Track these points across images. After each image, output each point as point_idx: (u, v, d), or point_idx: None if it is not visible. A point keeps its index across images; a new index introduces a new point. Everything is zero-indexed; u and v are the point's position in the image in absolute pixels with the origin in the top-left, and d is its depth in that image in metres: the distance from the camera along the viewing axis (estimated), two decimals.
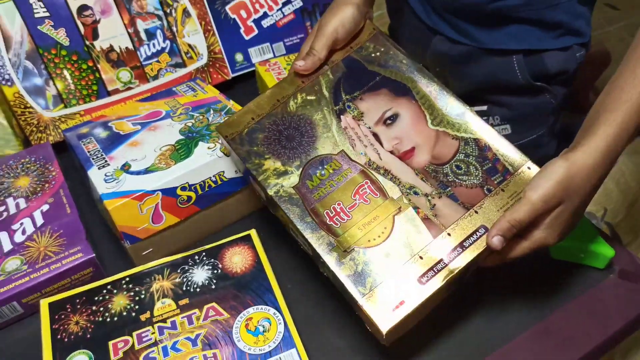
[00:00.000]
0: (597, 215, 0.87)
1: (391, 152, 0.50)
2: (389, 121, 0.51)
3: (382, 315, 0.43)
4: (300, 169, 0.50)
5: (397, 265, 0.44)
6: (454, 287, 0.47)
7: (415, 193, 0.48)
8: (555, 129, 0.71)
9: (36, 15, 0.67)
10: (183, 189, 0.56)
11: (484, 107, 0.69)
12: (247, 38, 0.81)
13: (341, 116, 0.52)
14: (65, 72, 0.69)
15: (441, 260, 0.44)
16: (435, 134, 0.50)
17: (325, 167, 0.50)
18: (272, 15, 0.82)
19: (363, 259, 0.45)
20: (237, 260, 0.53)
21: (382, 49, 0.56)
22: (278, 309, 0.49)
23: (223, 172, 0.58)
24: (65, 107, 0.70)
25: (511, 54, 0.63)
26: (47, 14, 0.68)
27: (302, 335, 0.48)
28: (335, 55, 0.56)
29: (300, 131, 0.52)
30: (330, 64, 0.56)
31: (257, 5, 0.81)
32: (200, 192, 0.57)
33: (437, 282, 0.44)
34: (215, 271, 0.52)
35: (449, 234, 0.46)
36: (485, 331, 0.52)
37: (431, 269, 0.44)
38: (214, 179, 0.57)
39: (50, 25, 0.68)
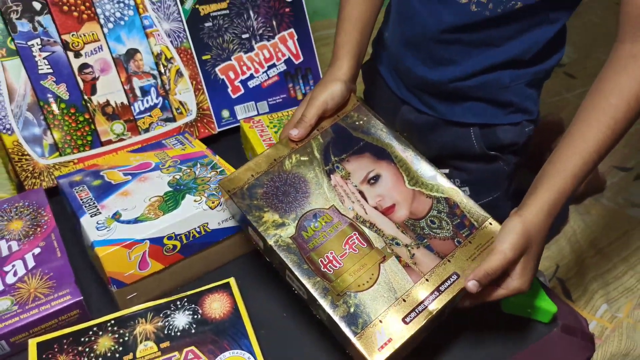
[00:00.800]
0: (545, 274, 0.93)
1: (375, 207, 0.57)
2: (372, 181, 0.58)
3: (373, 352, 0.48)
4: (296, 221, 0.56)
5: (384, 307, 0.51)
6: (433, 325, 0.53)
7: (397, 244, 0.54)
8: (510, 191, 0.79)
9: (40, 72, 0.73)
10: (169, 238, 0.60)
11: (446, 171, 0.77)
12: (233, 97, 0.88)
13: (331, 175, 0.59)
14: (63, 124, 0.74)
15: (422, 302, 0.51)
16: (412, 193, 0.58)
17: (318, 219, 0.56)
18: (257, 77, 0.89)
19: (354, 302, 0.51)
20: (216, 306, 0.58)
21: (365, 119, 0.64)
22: (252, 353, 0.54)
23: (207, 223, 0.63)
24: (60, 155, 0.75)
25: (469, 126, 0.72)
26: (51, 71, 0.73)
27: None
28: (324, 122, 0.64)
29: (295, 187, 0.58)
30: (320, 129, 0.63)
31: (244, 68, 0.88)
32: (185, 241, 0.62)
33: (419, 321, 0.50)
34: (196, 316, 0.57)
35: (427, 280, 0.52)
36: None
37: (413, 310, 0.51)
38: (198, 229, 0.62)
39: (53, 81, 0.74)
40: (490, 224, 0.56)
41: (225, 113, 0.87)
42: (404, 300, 0.51)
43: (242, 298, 0.59)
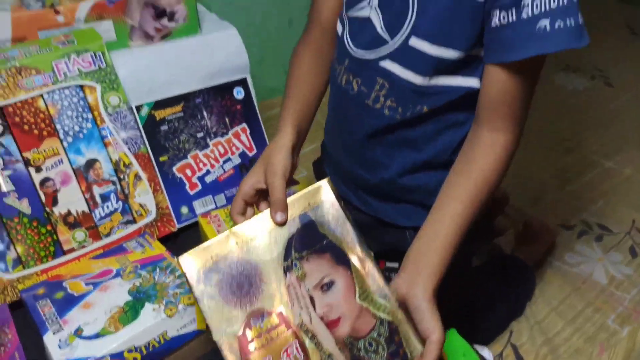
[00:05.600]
0: (497, 344, 0.96)
1: (321, 317, 0.59)
2: (325, 287, 0.61)
3: None
4: (244, 320, 0.58)
5: None
6: None
7: None
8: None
9: (2, 190, 0.77)
10: (129, 351, 0.63)
11: (396, 264, 0.81)
12: (191, 193, 0.93)
13: (287, 273, 0.61)
14: (26, 237, 0.78)
15: None
16: (359, 309, 0.60)
17: (264, 321, 0.58)
18: (213, 171, 0.95)
19: None
20: None
21: (335, 214, 0.63)
22: None
23: (166, 331, 0.66)
24: (24, 268, 0.77)
25: (404, 229, 0.77)
26: (13, 188, 0.77)
27: None
28: (293, 210, 0.63)
29: (249, 280, 0.60)
30: (289, 217, 0.63)
31: (200, 165, 0.94)
32: (145, 352, 0.65)
33: None
34: None
35: None
36: None
37: None
38: (157, 339, 0.65)
39: (15, 198, 0.77)
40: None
41: (184, 209, 0.92)
42: None
43: None
